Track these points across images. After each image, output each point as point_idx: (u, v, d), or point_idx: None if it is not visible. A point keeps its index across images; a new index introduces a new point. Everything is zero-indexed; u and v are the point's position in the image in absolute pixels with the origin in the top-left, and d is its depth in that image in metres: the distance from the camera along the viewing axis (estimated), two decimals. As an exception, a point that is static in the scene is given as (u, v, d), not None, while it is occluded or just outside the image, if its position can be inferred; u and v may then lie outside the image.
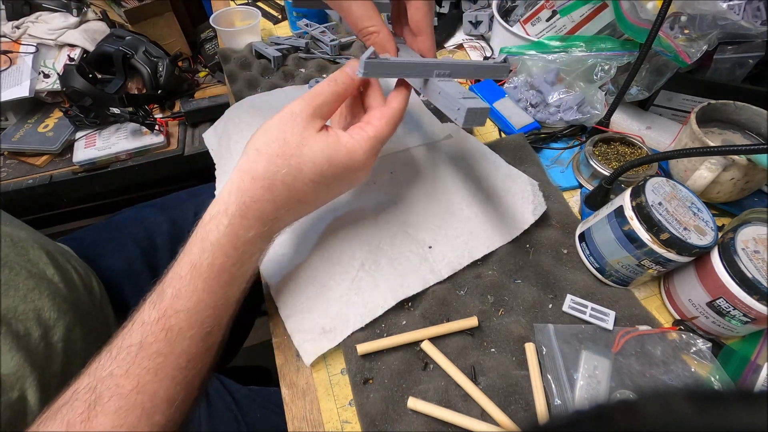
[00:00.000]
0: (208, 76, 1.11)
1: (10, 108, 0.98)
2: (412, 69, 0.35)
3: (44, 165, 0.94)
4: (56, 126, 0.98)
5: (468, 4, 0.73)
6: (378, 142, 0.34)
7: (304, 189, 0.33)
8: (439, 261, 0.43)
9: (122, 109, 0.92)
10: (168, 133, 0.99)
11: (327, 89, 0.33)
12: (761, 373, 0.33)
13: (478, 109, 0.32)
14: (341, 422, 0.36)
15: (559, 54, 0.58)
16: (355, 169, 0.34)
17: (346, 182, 0.36)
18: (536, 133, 0.57)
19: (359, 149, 0.33)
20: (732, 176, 0.43)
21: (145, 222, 0.62)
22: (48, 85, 0.97)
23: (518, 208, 0.47)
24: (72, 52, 1.02)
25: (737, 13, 0.48)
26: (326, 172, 0.33)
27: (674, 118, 0.57)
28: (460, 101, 0.32)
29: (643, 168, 0.48)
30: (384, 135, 0.34)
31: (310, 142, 0.32)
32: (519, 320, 0.40)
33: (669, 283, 0.42)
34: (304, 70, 0.69)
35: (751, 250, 0.35)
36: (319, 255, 0.43)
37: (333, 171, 0.33)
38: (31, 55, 0.98)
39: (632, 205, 0.38)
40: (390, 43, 0.36)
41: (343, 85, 0.34)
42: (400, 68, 0.34)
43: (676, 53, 0.48)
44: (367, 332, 0.39)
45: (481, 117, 0.32)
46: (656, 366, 0.37)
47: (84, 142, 0.95)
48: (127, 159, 0.95)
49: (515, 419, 0.34)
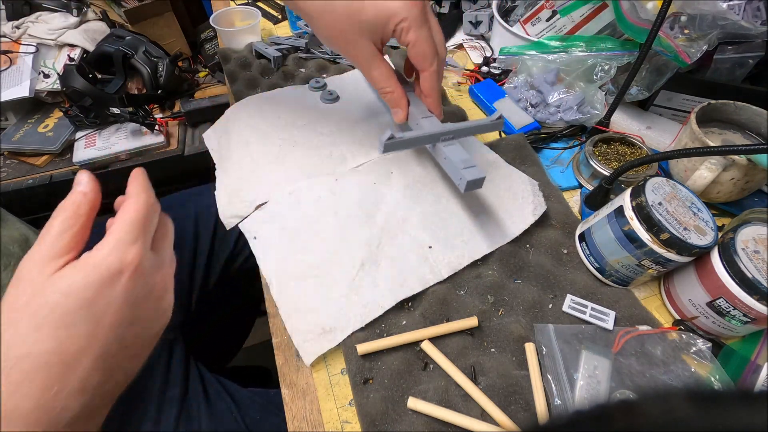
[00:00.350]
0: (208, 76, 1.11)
1: (10, 108, 0.98)
2: (422, 140, 0.41)
3: (44, 165, 0.94)
4: (56, 126, 0.98)
5: (468, 4, 0.73)
6: (118, 251, 0.28)
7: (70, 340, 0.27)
8: (439, 261, 0.43)
9: (122, 109, 0.92)
10: (168, 133, 0.99)
11: (55, 225, 0.28)
12: (761, 373, 0.33)
13: (477, 179, 0.39)
14: (341, 422, 0.36)
15: (559, 54, 0.58)
16: (112, 276, 0.28)
17: (122, 300, 0.28)
18: (536, 133, 0.57)
19: (99, 260, 0.28)
20: (732, 176, 0.43)
21: None
22: (48, 85, 0.98)
23: (518, 208, 0.47)
24: (72, 52, 1.02)
25: (737, 13, 0.48)
26: (75, 307, 0.26)
27: (674, 118, 0.57)
28: (461, 171, 0.39)
29: (643, 168, 0.48)
30: (124, 243, 0.29)
31: (48, 293, 0.26)
32: (519, 320, 0.40)
33: (669, 283, 0.42)
34: (304, 70, 0.69)
35: (751, 250, 0.35)
36: (319, 255, 0.43)
37: (82, 301, 0.27)
38: (31, 55, 0.98)
39: (632, 205, 0.38)
40: (402, 100, 0.42)
41: (73, 207, 0.29)
42: (411, 142, 0.40)
43: (676, 53, 0.48)
44: (367, 332, 0.39)
45: (478, 184, 0.39)
46: (656, 366, 0.37)
47: (84, 142, 0.95)
48: (127, 159, 0.95)
49: (515, 419, 0.34)
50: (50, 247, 0.28)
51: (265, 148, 0.52)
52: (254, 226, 0.46)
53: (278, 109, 0.57)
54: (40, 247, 0.28)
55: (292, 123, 0.55)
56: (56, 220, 0.28)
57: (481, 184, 0.40)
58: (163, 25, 1.15)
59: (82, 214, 0.29)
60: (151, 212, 0.31)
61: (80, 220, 0.29)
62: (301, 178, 0.49)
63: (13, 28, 1.00)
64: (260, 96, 0.60)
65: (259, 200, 0.48)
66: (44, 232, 0.28)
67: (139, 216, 0.30)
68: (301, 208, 0.46)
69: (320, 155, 0.52)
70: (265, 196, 0.48)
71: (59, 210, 0.29)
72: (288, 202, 0.47)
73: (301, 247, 0.44)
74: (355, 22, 0.37)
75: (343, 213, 0.46)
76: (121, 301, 0.28)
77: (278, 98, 0.60)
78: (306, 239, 0.44)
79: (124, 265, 0.28)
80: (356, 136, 0.55)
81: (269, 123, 0.55)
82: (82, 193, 0.29)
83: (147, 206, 0.31)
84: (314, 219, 0.45)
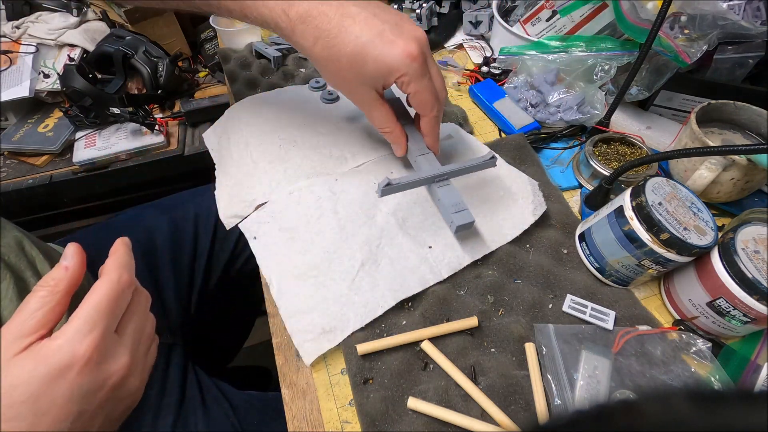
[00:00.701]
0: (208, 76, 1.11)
1: (10, 108, 0.98)
2: (416, 183, 0.43)
3: (44, 165, 0.94)
4: (56, 126, 0.98)
5: (468, 4, 0.73)
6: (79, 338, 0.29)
7: None
8: (439, 261, 0.43)
9: (122, 109, 0.92)
10: (168, 133, 0.99)
11: (31, 302, 0.29)
12: (761, 373, 0.33)
13: (466, 223, 0.41)
14: (341, 422, 0.36)
15: (559, 54, 0.58)
16: (61, 370, 0.28)
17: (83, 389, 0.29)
18: (536, 133, 0.57)
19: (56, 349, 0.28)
20: (732, 176, 0.43)
21: (146, 223, 0.62)
22: (48, 85, 0.97)
23: (518, 208, 0.47)
24: (72, 52, 1.02)
25: (737, 13, 0.48)
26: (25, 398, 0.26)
27: (674, 118, 0.57)
28: (452, 215, 0.42)
29: (643, 168, 0.48)
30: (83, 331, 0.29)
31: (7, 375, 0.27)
32: (519, 320, 0.40)
33: (669, 283, 0.42)
34: (304, 70, 0.69)
35: (751, 250, 0.35)
36: (319, 255, 0.43)
37: (27, 395, 0.27)
38: (31, 55, 0.98)
39: (632, 205, 0.38)
40: (401, 138, 0.45)
41: (52, 283, 0.30)
42: (407, 186, 0.42)
43: (676, 53, 0.48)
44: (367, 332, 0.39)
45: (468, 227, 0.42)
46: (656, 366, 0.37)
47: (84, 142, 0.95)
48: (127, 159, 0.95)
49: (515, 419, 0.34)
50: (20, 325, 0.28)
51: (264, 148, 0.52)
52: (254, 226, 0.46)
53: (278, 109, 0.57)
54: (11, 326, 0.28)
55: (291, 123, 0.55)
56: (34, 296, 0.29)
57: (471, 227, 0.43)
58: (163, 25, 1.15)
59: (58, 291, 0.30)
60: (119, 295, 0.31)
61: (56, 297, 0.29)
62: (301, 178, 0.49)
63: (13, 28, 1.00)
64: (260, 96, 0.60)
65: (259, 200, 0.48)
66: (21, 307, 0.29)
67: (103, 301, 0.30)
68: (301, 208, 0.46)
69: (320, 155, 0.52)
70: (264, 196, 0.48)
71: (39, 285, 0.30)
72: (288, 202, 0.47)
73: (301, 247, 0.44)
74: (358, 74, 0.39)
75: (343, 213, 0.46)
76: (66, 398, 0.28)
77: (278, 98, 0.60)
78: (306, 239, 0.44)
79: (74, 360, 0.28)
80: (356, 136, 0.55)
81: (269, 123, 0.55)
82: (64, 267, 0.30)
83: (115, 290, 0.31)
84: (314, 219, 0.45)
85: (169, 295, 0.58)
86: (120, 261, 0.33)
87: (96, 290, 0.31)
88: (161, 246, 0.60)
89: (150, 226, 0.61)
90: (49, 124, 0.98)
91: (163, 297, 0.57)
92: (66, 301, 0.30)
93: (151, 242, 0.60)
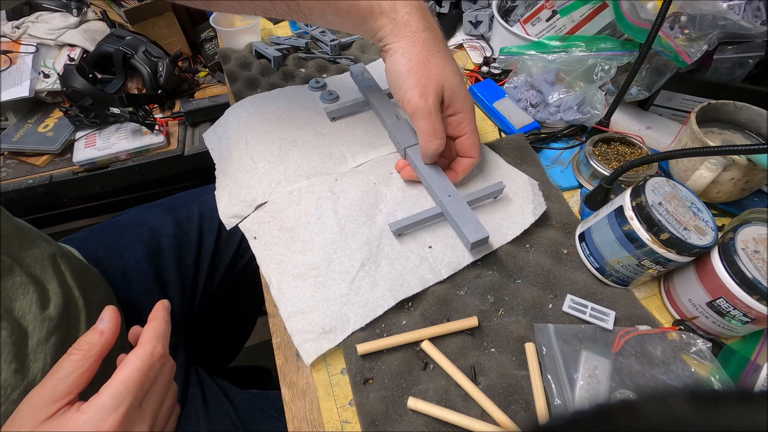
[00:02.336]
0: (208, 76, 1.11)
1: (10, 108, 0.98)
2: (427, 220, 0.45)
3: (44, 165, 0.94)
4: (56, 126, 0.98)
5: (468, 4, 0.73)
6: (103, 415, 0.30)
7: None
8: (439, 261, 0.43)
9: (122, 109, 0.92)
10: (168, 133, 0.99)
11: (64, 366, 0.31)
12: (761, 373, 0.33)
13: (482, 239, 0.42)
14: (341, 422, 0.36)
15: (559, 54, 0.58)
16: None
17: None
18: (536, 133, 0.57)
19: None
20: (732, 176, 0.43)
21: (151, 222, 0.62)
22: (48, 85, 0.98)
23: (518, 208, 0.47)
24: (72, 52, 1.02)
25: (737, 13, 0.48)
26: None
27: (674, 118, 0.57)
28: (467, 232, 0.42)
29: (643, 168, 0.48)
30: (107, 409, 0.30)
31: None
32: (519, 320, 0.40)
33: (669, 283, 0.42)
34: (304, 70, 0.69)
35: (751, 250, 0.35)
36: (319, 255, 0.43)
37: None
38: (31, 55, 0.98)
39: (632, 205, 0.38)
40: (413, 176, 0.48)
41: (86, 347, 0.31)
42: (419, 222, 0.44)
43: (676, 53, 0.48)
44: (367, 332, 0.39)
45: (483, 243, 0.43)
46: (656, 366, 0.37)
47: (84, 142, 0.95)
48: (127, 159, 0.95)
49: (515, 419, 0.35)
50: (52, 389, 0.30)
51: (265, 148, 0.52)
52: (254, 226, 0.46)
53: (278, 109, 0.57)
54: (43, 390, 0.30)
55: (292, 123, 0.55)
56: (69, 359, 0.31)
57: (486, 242, 0.43)
58: (163, 25, 1.15)
59: (91, 356, 0.31)
60: (150, 369, 0.32)
61: (88, 362, 0.31)
62: (301, 178, 0.49)
63: (13, 28, 1.00)
64: (260, 96, 0.60)
65: (259, 200, 0.48)
66: (54, 370, 0.30)
67: (134, 376, 0.31)
68: (301, 208, 0.46)
69: (320, 155, 0.52)
70: (265, 196, 0.48)
71: (73, 348, 0.31)
72: (288, 202, 0.47)
73: (301, 247, 0.44)
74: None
75: (343, 213, 0.46)
76: None
77: (278, 98, 0.60)
78: (306, 239, 0.44)
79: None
80: (356, 136, 0.55)
81: (269, 123, 0.55)
82: (99, 332, 0.32)
83: (147, 364, 0.32)
84: (314, 219, 0.45)
85: (173, 295, 0.58)
86: (157, 332, 0.34)
87: (128, 363, 0.31)
88: (166, 246, 0.60)
89: (155, 225, 0.61)
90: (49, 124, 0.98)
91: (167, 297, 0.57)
92: (97, 365, 0.32)
93: (156, 242, 0.60)
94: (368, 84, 0.58)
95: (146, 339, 0.33)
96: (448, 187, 0.46)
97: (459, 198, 0.45)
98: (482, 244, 0.43)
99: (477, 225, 0.42)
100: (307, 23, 0.68)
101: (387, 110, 0.54)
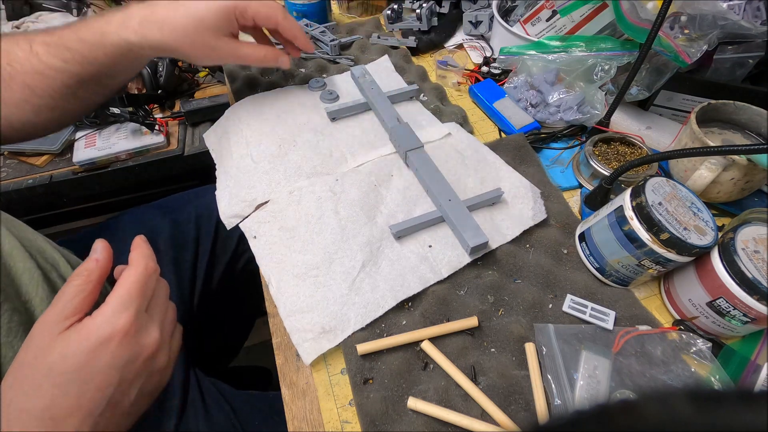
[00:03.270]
0: (208, 76, 1.11)
1: (10, 108, 0.98)
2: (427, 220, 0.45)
3: (44, 165, 0.94)
4: (56, 126, 0.98)
5: (468, 4, 0.73)
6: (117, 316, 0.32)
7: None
8: (439, 260, 0.43)
9: (122, 109, 0.92)
10: (168, 133, 0.99)
11: (68, 289, 0.32)
12: (761, 373, 0.33)
13: (481, 244, 0.42)
14: (341, 422, 0.36)
15: (559, 54, 0.58)
16: (102, 342, 0.31)
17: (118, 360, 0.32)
18: (536, 133, 0.57)
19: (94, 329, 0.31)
20: (732, 176, 0.43)
21: (148, 224, 0.62)
22: (48, 85, 0.97)
23: (518, 209, 0.47)
24: (72, 52, 1.02)
25: (737, 13, 0.48)
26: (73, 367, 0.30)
27: (674, 118, 0.57)
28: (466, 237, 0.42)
29: (643, 168, 0.48)
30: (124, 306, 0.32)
31: (50, 352, 0.30)
32: (519, 320, 0.40)
33: (669, 283, 0.42)
34: (304, 70, 0.69)
35: (751, 250, 0.35)
36: (319, 255, 0.43)
37: (75, 365, 0.30)
38: (31, 55, 0.98)
39: (632, 205, 0.38)
40: (276, 52, 0.50)
41: (86, 273, 0.33)
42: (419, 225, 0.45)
43: (676, 53, 0.48)
44: (367, 332, 0.39)
45: (483, 248, 0.43)
46: (656, 366, 0.37)
47: (84, 142, 0.95)
48: (127, 159, 0.95)
49: (515, 419, 0.35)
50: (62, 309, 0.31)
51: (265, 147, 0.52)
52: (254, 226, 0.46)
53: (278, 109, 0.57)
54: (53, 309, 0.32)
55: (292, 123, 0.55)
56: (70, 284, 0.32)
57: (485, 248, 0.44)
58: (163, 25, 1.15)
59: (92, 281, 0.33)
60: (147, 280, 0.35)
61: (90, 286, 0.33)
62: (301, 178, 0.49)
63: (13, 28, 1.00)
64: (260, 96, 0.60)
65: (260, 200, 0.48)
66: (59, 295, 0.32)
67: (135, 285, 0.33)
68: (302, 208, 0.46)
69: (320, 155, 0.52)
70: (265, 195, 0.48)
71: (74, 275, 0.33)
72: (288, 202, 0.47)
73: (301, 247, 0.44)
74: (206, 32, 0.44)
75: (344, 213, 0.46)
76: (109, 366, 0.31)
77: (278, 98, 0.60)
78: (306, 239, 0.44)
79: (114, 332, 0.31)
80: (356, 135, 0.55)
81: (269, 123, 0.55)
82: (95, 260, 0.34)
83: (144, 275, 0.34)
84: (315, 219, 0.45)
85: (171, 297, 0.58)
86: (144, 252, 0.36)
87: (126, 276, 0.34)
88: (163, 248, 0.60)
89: (152, 227, 0.61)
90: (49, 124, 0.98)
91: None
92: (98, 289, 0.33)
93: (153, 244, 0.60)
94: (369, 86, 0.58)
95: (136, 259, 0.35)
96: (449, 191, 0.46)
97: (459, 202, 0.45)
98: (482, 249, 0.43)
99: (477, 230, 0.43)
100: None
101: (388, 113, 0.54)
